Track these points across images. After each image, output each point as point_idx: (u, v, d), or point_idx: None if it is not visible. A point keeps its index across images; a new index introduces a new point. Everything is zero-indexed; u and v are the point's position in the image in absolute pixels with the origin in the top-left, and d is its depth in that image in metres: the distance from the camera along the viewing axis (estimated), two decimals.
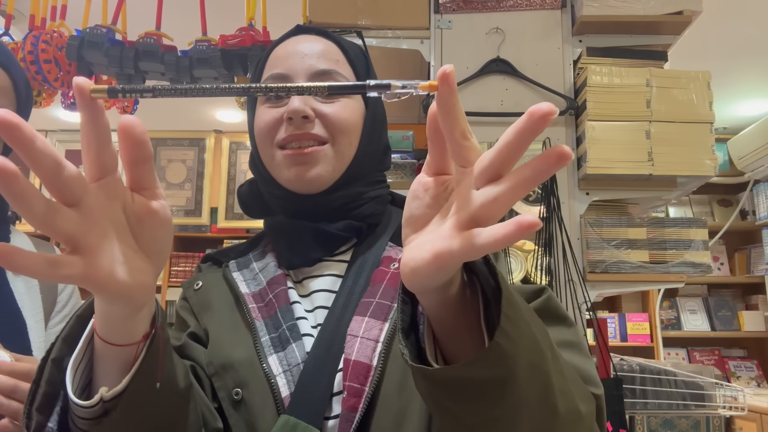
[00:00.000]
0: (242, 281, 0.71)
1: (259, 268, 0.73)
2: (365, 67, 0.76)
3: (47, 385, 0.47)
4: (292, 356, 0.62)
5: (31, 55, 1.64)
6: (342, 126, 0.69)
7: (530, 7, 1.64)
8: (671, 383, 1.66)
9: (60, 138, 4.02)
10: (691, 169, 1.48)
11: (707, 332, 3.67)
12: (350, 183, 0.71)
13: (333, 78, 0.70)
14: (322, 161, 0.68)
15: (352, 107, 0.71)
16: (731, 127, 3.71)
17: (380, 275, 0.66)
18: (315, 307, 0.68)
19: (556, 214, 1.50)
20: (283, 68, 0.70)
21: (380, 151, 0.76)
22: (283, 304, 0.67)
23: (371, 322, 0.62)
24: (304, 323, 0.66)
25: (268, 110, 0.70)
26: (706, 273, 1.52)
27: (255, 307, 0.67)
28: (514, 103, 1.60)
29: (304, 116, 0.67)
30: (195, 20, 1.72)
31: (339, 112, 0.69)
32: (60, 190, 0.38)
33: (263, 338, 0.64)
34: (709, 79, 1.52)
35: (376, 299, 0.63)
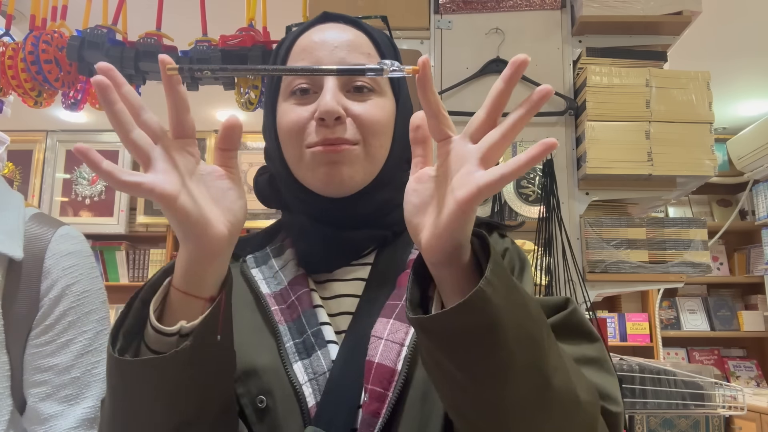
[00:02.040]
0: (262, 279, 0.68)
1: (278, 266, 0.69)
2: (395, 59, 0.70)
3: (132, 318, 0.53)
4: (318, 364, 0.60)
5: (32, 55, 1.64)
6: (374, 127, 0.65)
7: (530, 8, 1.65)
8: (671, 383, 1.67)
9: (60, 138, 4.02)
10: (690, 169, 1.48)
11: (707, 332, 3.68)
12: (379, 188, 0.67)
13: (366, 78, 0.65)
14: (355, 162, 0.64)
15: (383, 106, 0.66)
16: (731, 128, 3.71)
17: (405, 278, 0.62)
18: (339, 312, 0.65)
19: (556, 214, 1.50)
20: (311, 61, 0.65)
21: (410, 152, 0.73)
22: (307, 307, 0.64)
23: (396, 325, 0.60)
24: (328, 329, 0.63)
25: (293, 108, 0.65)
26: (706, 273, 1.52)
27: (278, 309, 0.64)
28: (513, 103, 1.60)
29: (337, 117, 0.62)
30: (195, 21, 1.72)
31: (371, 112, 0.65)
32: (142, 124, 0.48)
33: (287, 344, 0.62)
34: (709, 79, 1.53)
35: (402, 302, 0.61)
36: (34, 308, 0.76)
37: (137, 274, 3.87)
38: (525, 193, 1.57)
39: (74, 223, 3.89)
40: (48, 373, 0.76)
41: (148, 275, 3.86)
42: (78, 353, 0.77)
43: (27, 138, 3.97)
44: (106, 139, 4.03)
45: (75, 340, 0.78)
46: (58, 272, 0.78)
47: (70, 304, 0.78)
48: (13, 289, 0.76)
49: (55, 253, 0.79)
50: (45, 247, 0.79)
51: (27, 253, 0.77)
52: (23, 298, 0.76)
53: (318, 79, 0.64)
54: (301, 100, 0.65)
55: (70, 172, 4.02)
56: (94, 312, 0.81)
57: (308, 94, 0.65)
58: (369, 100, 0.65)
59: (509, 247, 0.69)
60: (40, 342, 0.76)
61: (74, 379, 0.77)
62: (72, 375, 0.76)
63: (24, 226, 0.80)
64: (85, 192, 3.98)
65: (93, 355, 0.79)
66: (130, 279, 3.86)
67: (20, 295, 0.76)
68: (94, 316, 0.80)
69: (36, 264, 0.77)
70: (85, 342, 0.78)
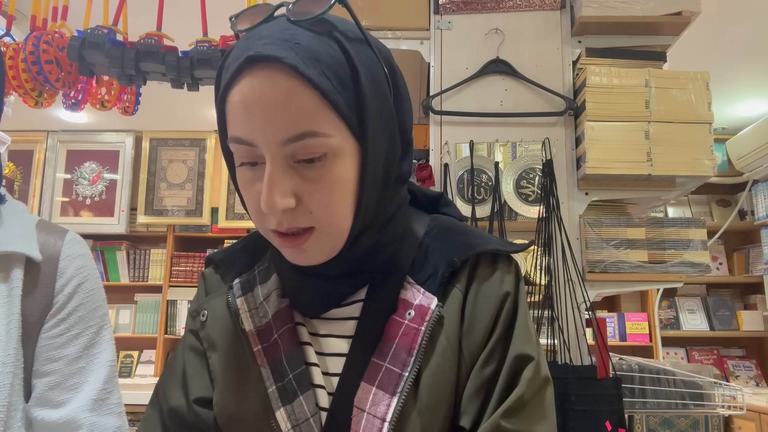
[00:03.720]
0: (246, 312, 0.64)
1: (263, 295, 0.65)
2: (354, 96, 0.55)
3: None
4: (300, 411, 0.58)
5: (33, 55, 1.64)
6: (329, 208, 0.55)
7: (529, 8, 1.65)
8: (670, 383, 1.67)
9: (61, 138, 4.02)
10: (689, 169, 1.49)
11: (706, 332, 3.68)
12: (357, 242, 0.60)
13: (312, 144, 0.53)
14: (316, 245, 0.57)
15: (339, 172, 0.55)
16: (730, 128, 3.71)
17: (394, 327, 0.59)
18: (329, 352, 0.62)
19: (556, 214, 1.50)
20: (245, 134, 0.53)
21: (391, 182, 0.61)
22: (290, 346, 0.61)
23: (379, 395, 0.56)
24: (315, 371, 0.61)
25: (246, 180, 0.57)
26: (705, 273, 1.53)
27: (260, 349, 0.62)
28: (513, 103, 1.60)
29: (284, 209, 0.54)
30: (196, 21, 1.72)
31: (323, 192, 0.54)
32: None
33: (269, 389, 0.60)
34: (708, 79, 1.53)
35: (386, 363, 0.57)
36: (49, 304, 0.83)
37: (138, 274, 3.87)
38: (525, 193, 1.57)
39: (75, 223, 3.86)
40: (58, 363, 0.82)
41: (148, 275, 3.86)
42: (85, 345, 0.85)
43: (28, 138, 3.97)
44: (106, 139, 4.03)
45: (83, 333, 0.85)
46: (71, 272, 0.86)
47: (80, 301, 0.86)
48: (32, 287, 0.83)
49: (67, 255, 0.87)
50: (59, 250, 0.87)
51: (42, 255, 0.84)
52: (40, 295, 0.83)
53: (260, 153, 0.54)
54: (252, 170, 0.56)
55: (70, 172, 4.02)
56: (99, 308, 0.89)
57: (257, 165, 0.55)
58: (320, 172, 0.54)
59: (510, 291, 0.62)
60: (52, 334, 0.83)
61: (81, 369, 0.84)
62: (79, 365, 0.84)
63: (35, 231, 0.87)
64: (85, 192, 3.98)
65: (97, 346, 0.87)
66: (130, 279, 3.86)
67: (37, 293, 0.83)
68: (98, 312, 0.88)
69: (52, 265, 0.85)
70: (91, 335, 0.86)
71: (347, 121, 0.54)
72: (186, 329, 0.72)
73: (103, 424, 0.82)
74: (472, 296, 0.61)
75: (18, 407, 0.79)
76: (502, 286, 0.61)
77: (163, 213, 3.92)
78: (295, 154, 0.53)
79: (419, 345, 0.57)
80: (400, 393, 0.55)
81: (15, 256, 0.82)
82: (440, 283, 0.60)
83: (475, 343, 0.59)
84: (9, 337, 0.78)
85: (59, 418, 0.80)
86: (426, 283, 0.61)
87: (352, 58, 0.54)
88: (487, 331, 0.59)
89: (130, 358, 3.78)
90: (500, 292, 0.61)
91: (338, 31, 0.55)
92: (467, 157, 1.58)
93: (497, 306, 0.60)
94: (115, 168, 4.01)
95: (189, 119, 3.79)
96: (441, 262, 0.61)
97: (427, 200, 0.72)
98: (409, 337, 0.58)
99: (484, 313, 0.60)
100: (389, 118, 0.59)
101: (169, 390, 0.68)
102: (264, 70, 0.52)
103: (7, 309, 0.79)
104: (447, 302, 0.60)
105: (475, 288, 0.61)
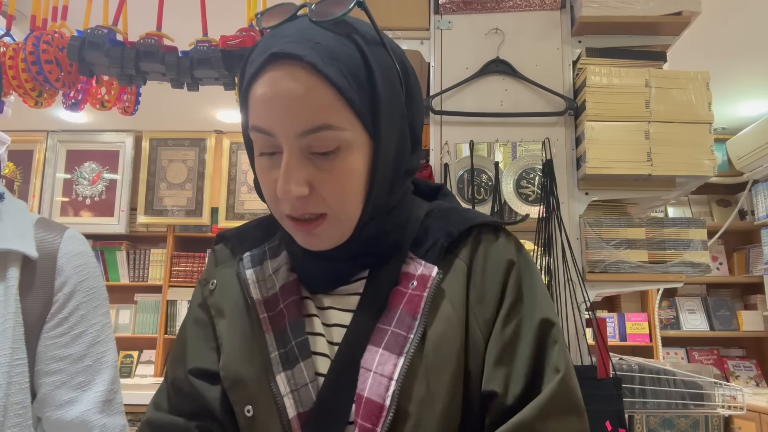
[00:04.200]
0: (255, 283, 0.67)
1: (273, 268, 0.68)
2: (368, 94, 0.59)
3: None
4: (300, 376, 0.61)
5: (33, 55, 1.64)
6: (341, 196, 0.59)
7: (530, 8, 1.65)
8: (670, 383, 1.67)
9: (61, 138, 4.02)
10: (690, 169, 1.49)
11: (706, 332, 3.68)
12: (364, 228, 0.64)
13: (327, 137, 0.57)
14: (327, 231, 0.61)
15: (351, 165, 0.59)
16: (730, 128, 3.71)
17: (398, 297, 0.62)
18: (333, 323, 0.65)
19: (556, 214, 1.50)
20: (266, 124, 0.58)
21: (400, 176, 0.66)
22: (294, 317, 0.64)
23: (385, 356, 0.59)
24: (320, 340, 0.64)
25: (265, 170, 0.61)
26: (705, 273, 1.53)
27: (266, 317, 0.65)
28: (513, 103, 1.60)
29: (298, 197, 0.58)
30: (196, 21, 1.72)
31: (336, 182, 0.58)
32: None
33: (272, 354, 0.63)
34: (708, 79, 1.53)
35: (392, 327, 0.60)
36: (48, 303, 0.83)
37: (138, 274, 3.87)
38: (525, 193, 1.57)
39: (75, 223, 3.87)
40: (63, 362, 0.82)
41: (148, 275, 3.86)
42: (89, 344, 0.85)
43: (28, 138, 3.97)
44: (106, 139, 4.03)
45: (87, 331, 0.85)
46: (70, 270, 0.85)
47: (81, 299, 0.85)
48: (29, 285, 0.82)
49: (66, 253, 0.86)
50: (57, 248, 0.86)
51: (40, 253, 0.84)
52: (38, 294, 0.82)
53: (278, 143, 0.58)
54: (270, 160, 0.60)
55: (70, 172, 4.02)
56: (101, 306, 0.88)
57: (275, 155, 0.60)
58: (334, 164, 0.58)
59: (515, 259, 0.66)
60: (55, 334, 0.83)
61: (87, 367, 0.84)
62: (85, 363, 0.84)
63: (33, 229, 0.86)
64: (85, 192, 3.99)
65: (101, 345, 0.87)
66: (130, 279, 3.86)
67: (35, 292, 0.82)
68: (100, 310, 0.88)
69: (50, 263, 0.84)
70: (95, 333, 0.86)
71: (361, 118, 0.58)
72: (192, 302, 0.74)
73: (113, 424, 0.83)
74: (478, 266, 0.65)
75: (26, 406, 0.79)
76: (507, 253, 0.65)
77: (163, 213, 3.92)
78: (311, 146, 0.57)
79: (422, 309, 0.60)
80: (407, 353, 0.58)
81: (11, 254, 0.81)
82: (439, 252, 0.64)
83: (488, 310, 0.62)
84: (3, 337, 0.77)
85: (75, 418, 0.80)
86: (426, 255, 0.64)
87: (369, 60, 0.59)
88: (498, 297, 0.63)
89: (130, 358, 3.78)
90: (505, 259, 0.65)
91: (357, 33, 0.60)
92: (467, 157, 1.58)
93: (504, 273, 0.64)
94: (115, 168, 4.01)
95: (189, 119, 3.79)
96: (441, 235, 0.65)
97: (429, 190, 0.76)
98: (413, 303, 0.61)
99: (493, 280, 0.63)
100: (401, 116, 0.63)
101: (172, 361, 0.72)
102: (286, 66, 0.56)
103: (3, 308, 0.79)
104: (450, 272, 0.64)
105: (481, 258, 0.65)
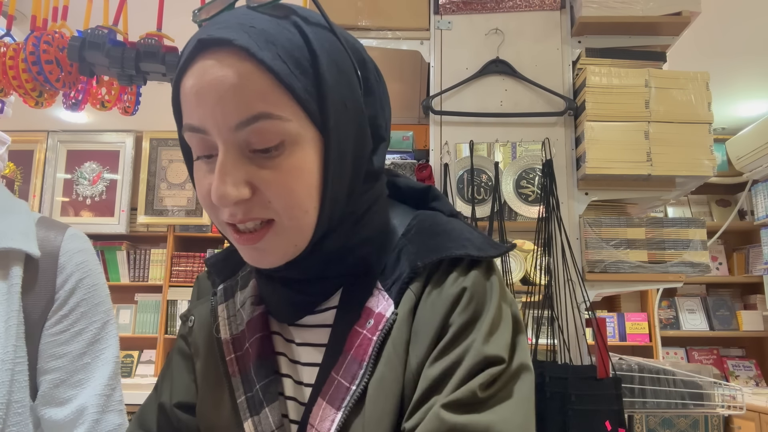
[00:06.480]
0: (224, 320, 0.63)
1: (240, 302, 0.64)
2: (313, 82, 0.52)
3: None
4: (266, 422, 0.58)
5: (33, 55, 1.64)
6: (289, 199, 0.52)
7: (529, 8, 1.65)
8: (670, 382, 1.67)
9: (61, 138, 4.02)
10: (689, 169, 1.49)
11: (706, 332, 3.68)
12: (323, 242, 0.56)
13: (267, 129, 0.50)
14: (276, 243, 0.54)
15: (298, 163, 0.51)
16: (729, 128, 3.72)
17: (352, 338, 0.56)
18: (304, 362, 0.60)
19: (555, 214, 1.50)
20: (197, 120, 0.51)
21: (360, 178, 0.57)
22: (259, 357, 0.60)
23: (327, 410, 0.54)
24: (287, 382, 0.60)
25: (201, 173, 0.54)
26: (705, 273, 1.53)
27: (233, 358, 0.61)
28: (513, 103, 1.61)
29: (235, 202, 0.51)
30: None
31: (281, 183, 0.51)
32: None
33: (239, 399, 0.60)
34: (708, 79, 1.53)
35: (339, 376, 0.55)
36: (50, 301, 0.83)
37: (138, 274, 3.88)
38: (524, 193, 1.57)
39: (75, 223, 3.86)
40: (62, 360, 0.82)
41: (148, 275, 3.86)
42: (89, 341, 0.85)
43: (28, 138, 3.97)
44: (106, 139, 4.03)
45: (87, 329, 0.85)
46: (71, 267, 0.85)
47: (82, 296, 0.85)
48: (31, 284, 0.82)
49: (67, 251, 0.86)
50: (59, 246, 0.86)
51: (42, 252, 0.84)
52: (41, 291, 0.83)
53: (213, 142, 0.52)
54: (207, 164, 0.54)
55: (71, 172, 4.02)
56: (102, 303, 0.88)
57: (212, 158, 0.53)
58: (278, 162, 0.51)
59: (467, 286, 0.54)
60: (55, 331, 0.83)
61: (85, 365, 0.84)
62: (84, 361, 0.84)
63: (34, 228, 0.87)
64: (86, 192, 3.99)
65: (102, 342, 0.86)
66: (130, 279, 3.86)
67: (38, 289, 0.83)
68: (102, 308, 0.88)
69: (51, 261, 0.84)
70: (95, 331, 0.86)
71: (306, 108, 0.51)
72: (178, 331, 0.73)
73: (105, 421, 0.82)
74: (424, 298, 0.55)
75: (25, 404, 0.79)
76: (457, 284, 0.54)
77: (164, 213, 3.92)
78: (250, 142, 0.51)
79: (369, 356, 0.53)
80: (345, 408, 0.53)
81: (14, 252, 0.82)
82: (400, 288, 0.55)
83: (423, 346, 0.53)
84: (8, 334, 0.78)
85: (65, 416, 0.80)
86: (390, 289, 0.56)
87: (311, 43, 0.52)
88: (436, 332, 0.53)
89: (130, 358, 3.79)
90: (453, 291, 0.54)
91: (298, 15, 0.53)
92: (467, 157, 1.58)
93: (449, 305, 0.53)
94: (115, 168, 4.01)
95: None
96: (406, 266, 0.56)
97: (414, 195, 0.66)
98: (362, 348, 0.54)
99: (434, 313, 0.54)
100: (356, 110, 0.55)
101: (162, 382, 0.70)
102: (216, 53, 0.50)
103: (6, 306, 0.79)
104: (400, 307, 0.55)
105: (429, 290, 0.55)
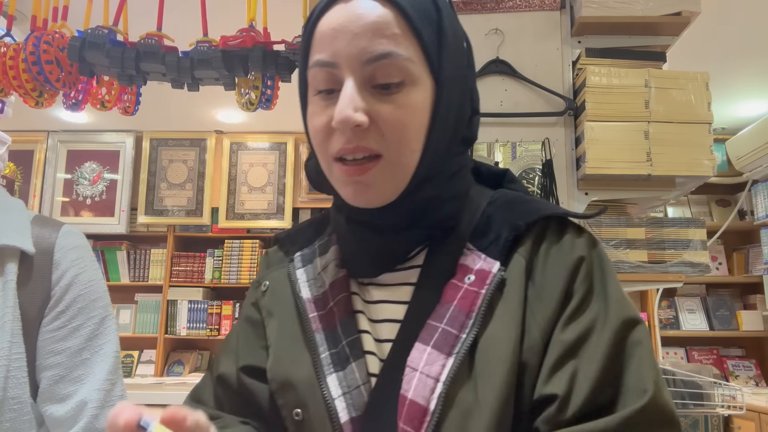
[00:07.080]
0: (305, 282, 0.66)
1: (321, 266, 0.67)
2: (436, 32, 0.58)
3: None
4: (352, 377, 0.58)
5: (33, 55, 1.65)
6: (402, 133, 0.57)
7: (529, 8, 1.65)
8: (670, 382, 1.67)
9: (61, 138, 4.03)
10: (689, 169, 1.49)
11: (706, 332, 3.68)
12: (419, 189, 0.60)
13: (394, 66, 0.56)
14: (380, 178, 0.57)
15: (414, 102, 0.57)
16: (729, 128, 3.72)
17: (452, 291, 0.58)
18: (382, 318, 0.62)
19: None
20: (329, 54, 0.57)
21: (458, 138, 0.63)
22: (344, 315, 0.62)
23: (433, 355, 0.54)
24: (367, 338, 0.61)
25: (319, 110, 0.59)
26: (705, 273, 1.53)
27: (316, 315, 0.63)
28: (513, 103, 1.61)
29: (356, 125, 0.55)
30: (196, 21, 1.72)
31: (397, 116, 0.56)
32: None
33: (323, 355, 0.60)
34: (708, 79, 1.53)
35: (443, 324, 0.56)
36: (47, 297, 0.83)
37: (138, 274, 3.88)
38: None
39: (75, 223, 3.87)
40: (61, 356, 0.82)
41: (148, 275, 3.86)
42: (87, 337, 0.85)
43: (28, 138, 3.97)
44: (106, 139, 4.03)
45: (85, 324, 0.85)
46: (67, 263, 0.85)
47: (79, 292, 0.85)
48: (26, 280, 0.82)
49: (62, 247, 0.86)
50: (53, 242, 0.86)
51: (37, 249, 0.84)
52: (36, 288, 0.83)
53: (339, 77, 0.57)
54: (326, 99, 0.58)
55: (71, 172, 4.02)
56: (100, 299, 0.88)
57: (333, 94, 0.58)
58: (396, 98, 0.56)
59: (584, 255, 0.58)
60: (53, 327, 0.83)
61: (84, 360, 0.84)
62: (83, 357, 0.84)
63: (30, 225, 0.87)
64: (86, 192, 3.99)
65: (100, 337, 0.86)
66: (131, 279, 3.87)
67: (33, 286, 0.83)
68: (99, 303, 0.88)
69: (46, 257, 0.84)
70: (93, 326, 0.86)
71: (428, 55, 0.58)
72: (245, 301, 0.74)
73: (105, 416, 0.81)
74: (540, 262, 0.58)
75: (22, 401, 0.79)
76: (574, 250, 0.58)
77: (164, 213, 3.92)
78: (375, 76, 0.56)
79: (479, 308, 0.55)
80: (457, 354, 0.54)
81: (8, 249, 0.82)
82: (503, 247, 0.58)
83: (549, 310, 0.56)
84: (2, 331, 0.78)
85: (66, 412, 0.80)
86: (488, 249, 0.59)
87: (438, 2, 0.60)
88: (562, 296, 0.56)
89: (130, 358, 3.79)
90: (572, 256, 0.58)
91: None
92: None
93: (571, 271, 0.57)
94: (115, 168, 4.01)
95: (189, 119, 3.79)
96: (504, 227, 0.59)
97: (493, 177, 0.71)
98: (469, 300, 0.56)
99: (557, 278, 0.57)
100: (463, 75, 0.63)
101: (220, 357, 0.71)
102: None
103: (1, 303, 0.79)
104: (508, 269, 0.58)
105: (543, 253, 0.59)
